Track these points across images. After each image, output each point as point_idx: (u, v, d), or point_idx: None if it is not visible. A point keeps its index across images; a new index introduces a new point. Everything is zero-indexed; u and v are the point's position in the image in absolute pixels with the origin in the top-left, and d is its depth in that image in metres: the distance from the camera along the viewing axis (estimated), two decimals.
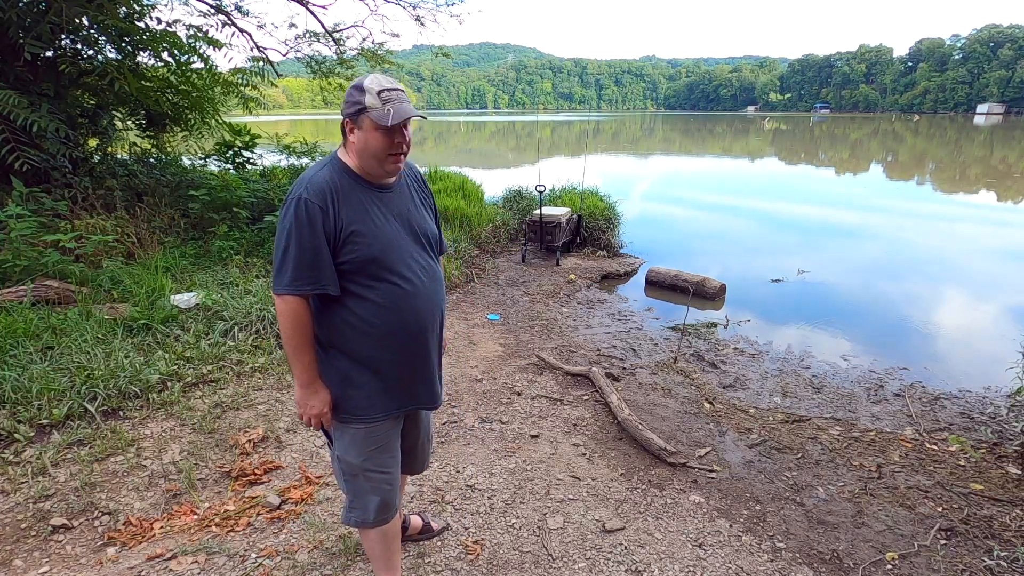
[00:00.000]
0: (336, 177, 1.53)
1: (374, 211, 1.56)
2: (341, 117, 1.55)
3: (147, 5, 6.07)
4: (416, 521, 2.33)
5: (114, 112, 6.86)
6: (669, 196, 13.80)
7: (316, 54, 9.45)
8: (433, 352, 1.72)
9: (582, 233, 7.85)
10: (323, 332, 1.59)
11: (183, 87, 6.61)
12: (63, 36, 5.58)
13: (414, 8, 9.66)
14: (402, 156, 1.56)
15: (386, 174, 1.59)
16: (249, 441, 2.97)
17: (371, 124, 1.47)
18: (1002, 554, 2.30)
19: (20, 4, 5.01)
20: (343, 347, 1.59)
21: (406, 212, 1.64)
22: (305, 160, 8.24)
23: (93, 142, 6.75)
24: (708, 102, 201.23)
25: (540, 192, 7.33)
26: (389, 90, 1.47)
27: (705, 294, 6.04)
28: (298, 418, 1.64)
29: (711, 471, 2.91)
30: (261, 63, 7.76)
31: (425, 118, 1.60)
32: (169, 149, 7.66)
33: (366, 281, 1.54)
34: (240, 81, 7.18)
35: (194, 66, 6.58)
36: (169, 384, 3.39)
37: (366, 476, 1.69)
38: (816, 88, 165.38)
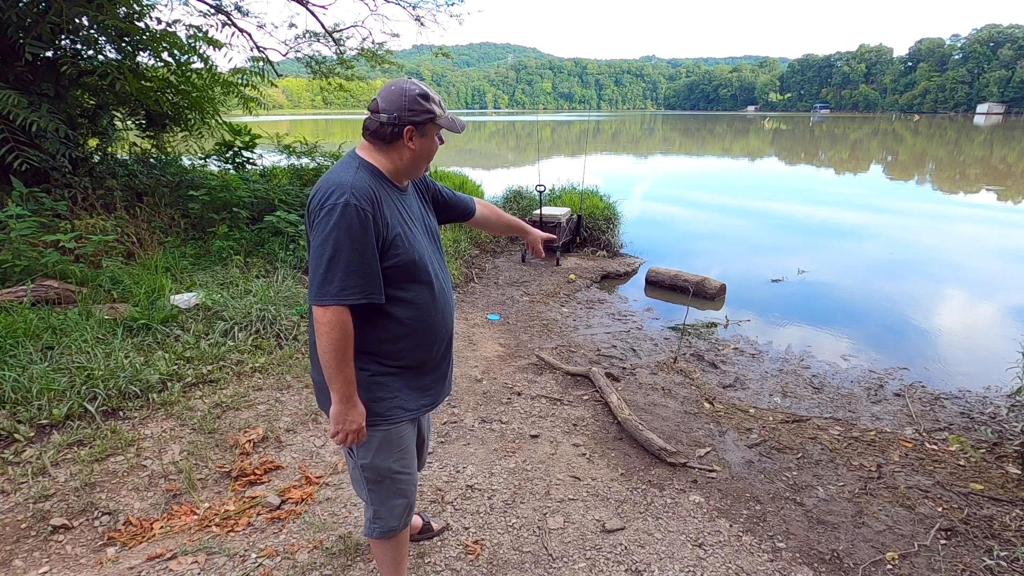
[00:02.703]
0: (373, 181, 1.49)
1: (404, 214, 1.57)
2: (385, 121, 1.48)
3: (147, 5, 6.06)
4: (416, 521, 2.33)
5: (114, 112, 6.84)
6: (669, 196, 13.79)
7: (316, 54, 9.46)
8: (452, 349, 1.77)
9: (582, 233, 7.85)
10: (356, 338, 1.51)
11: (183, 87, 6.61)
12: (63, 36, 5.57)
13: (414, 8, 9.66)
14: None
15: (417, 176, 1.66)
16: (249, 441, 2.97)
17: (435, 132, 1.55)
18: (1002, 554, 2.30)
19: (20, 4, 5.01)
20: (376, 351, 1.55)
21: (421, 213, 1.68)
22: (305, 160, 8.23)
23: (93, 142, 6.74)
24: (708, 102, 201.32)
25: (540, 192, 7.34)
26: (441, 101, 1.55)
27: (705, 294, 6.04)
28: (331, 436, 1.54)
29: (711, 471, 2.91)
30: (261, 63, 7.74)
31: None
32: (169, 149, 7.64)
33: (403, 284, 1.53)
34: (240, 81, 7.16)
35: (194, 66, 6.57)
36: (169, 384, 3.39)
37: (393, 479, 1.69)
38: (816, 88, 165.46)
